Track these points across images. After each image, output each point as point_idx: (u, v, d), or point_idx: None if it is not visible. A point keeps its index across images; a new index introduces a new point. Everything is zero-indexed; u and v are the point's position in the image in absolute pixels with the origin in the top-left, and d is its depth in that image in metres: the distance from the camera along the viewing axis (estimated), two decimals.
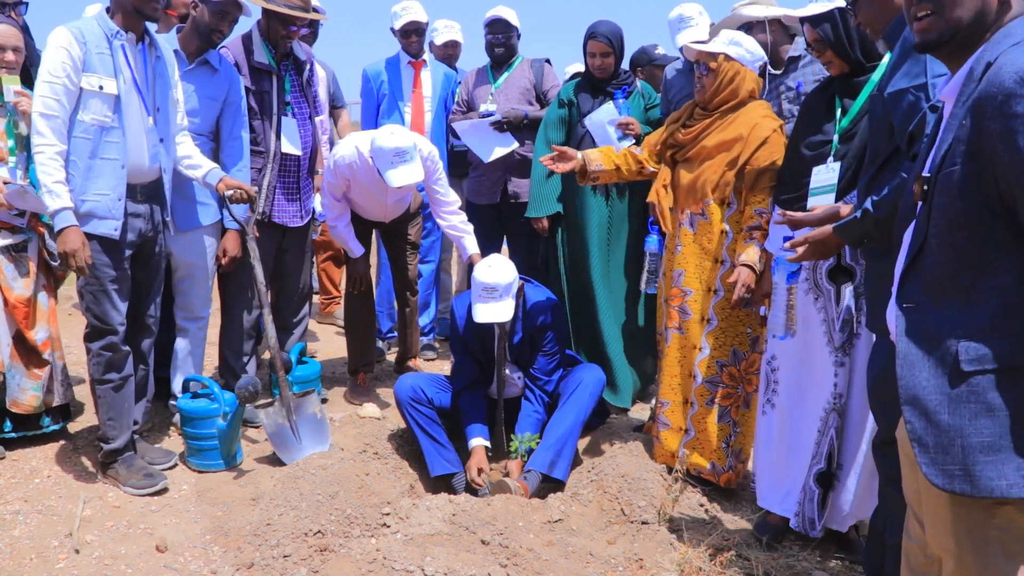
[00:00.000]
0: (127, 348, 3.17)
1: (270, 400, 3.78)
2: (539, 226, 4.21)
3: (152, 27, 3.14)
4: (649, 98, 4.14)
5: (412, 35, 4.65)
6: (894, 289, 1.69)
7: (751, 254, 2.99)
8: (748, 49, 3.10)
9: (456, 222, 4.06)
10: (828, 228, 2.30)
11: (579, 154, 3.33)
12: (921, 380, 1.57)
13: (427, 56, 4.82)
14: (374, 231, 4.33)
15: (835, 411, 2.75)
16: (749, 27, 3.54)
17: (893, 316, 1.68)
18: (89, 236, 2.97)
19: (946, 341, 1.53)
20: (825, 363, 2.76)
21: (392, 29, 4.71)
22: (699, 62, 3.14)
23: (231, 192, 3.38)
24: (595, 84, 4.07)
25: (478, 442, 3.44)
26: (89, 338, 3.12)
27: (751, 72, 3.12)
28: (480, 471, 3.34)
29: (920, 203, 1.62)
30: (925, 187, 1.59)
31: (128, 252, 3.12)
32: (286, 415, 3.40)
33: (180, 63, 3.47)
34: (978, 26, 1.59)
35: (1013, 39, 1.49)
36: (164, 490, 3.14)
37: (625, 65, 4.17)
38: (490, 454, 3.50)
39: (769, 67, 3.54)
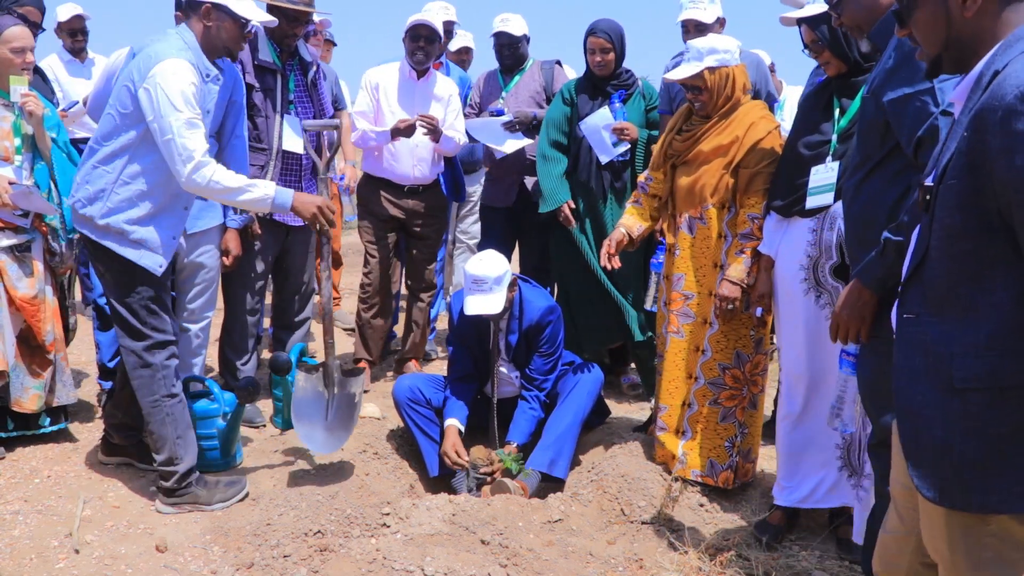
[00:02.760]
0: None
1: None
2: (563, 217, 4.04)
3: None
4: (650, 98, 4.09)
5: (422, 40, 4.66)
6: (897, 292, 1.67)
7: (739, 271, 2.97)
8: (724, 48, 3.02)
9: (453, 136, 4.28)
10: (847, 289, 2.13)
11: (621, 230, 3.30)
12: (916, 394, 1.55)
13: (442, 59, 4.84)
14: (397, 235, 4.36)
15: None
16: None
17: (894, 322, 1.67)
18: (134, 265, 2.86)
19: (942, 356, 1.51)
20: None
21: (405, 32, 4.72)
22: (688, 86, 3.06)
23: None
24: (595, 83, 4.05)
25: (451, 423, 3.43)
26: (151, 354, 2.93)
27: (738, 66, 3.07)
28: (457, 453, 3.33)
29: (923, 212, 1.58)
30: (928, 197, 1.55)
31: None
32: (325, 384, 3.25)
33: None
34: (961, 48, 1.56)
35: None
36: (247, 493, 3.06)
37: (625, 65, 4.15)
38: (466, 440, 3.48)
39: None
